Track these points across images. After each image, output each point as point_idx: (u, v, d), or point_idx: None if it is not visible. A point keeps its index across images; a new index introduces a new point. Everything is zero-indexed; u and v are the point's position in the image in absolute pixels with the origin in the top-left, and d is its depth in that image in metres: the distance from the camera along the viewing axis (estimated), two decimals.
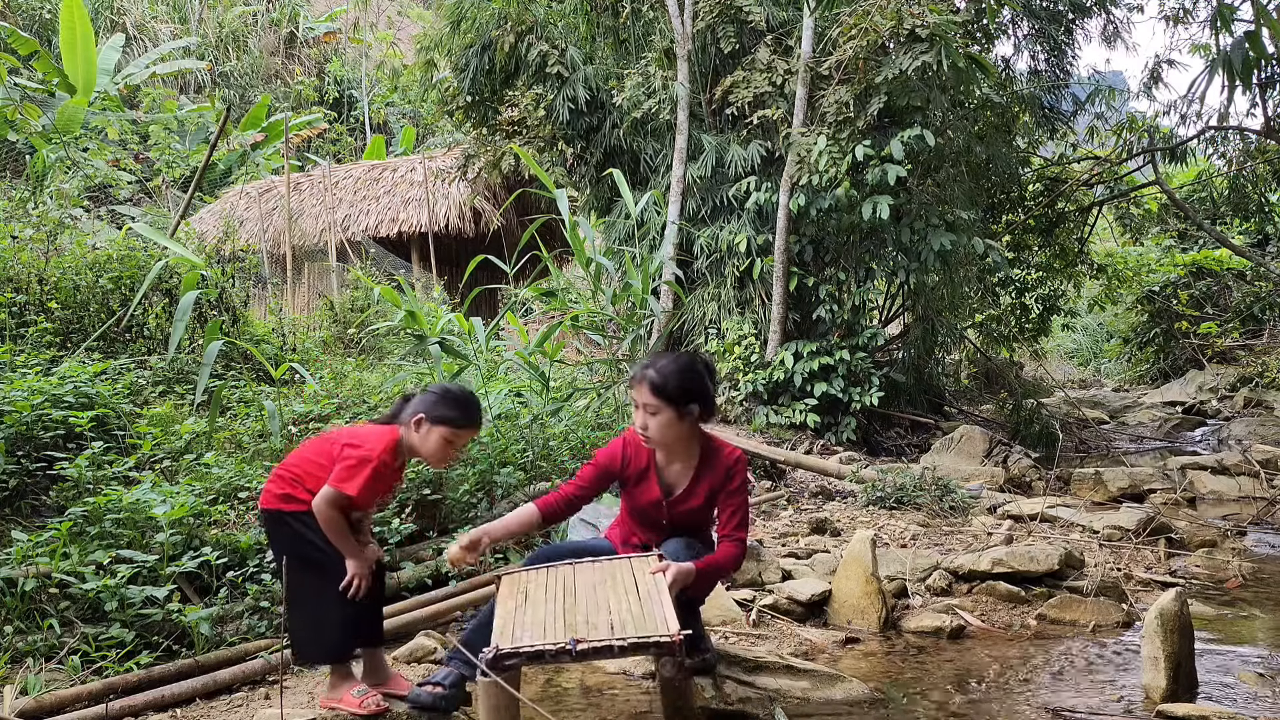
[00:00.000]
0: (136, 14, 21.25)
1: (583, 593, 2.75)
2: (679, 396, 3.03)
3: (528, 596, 2.79)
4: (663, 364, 3.06)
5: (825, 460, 7.83)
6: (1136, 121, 12.97)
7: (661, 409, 3.02)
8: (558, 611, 2.65)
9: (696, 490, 3.17)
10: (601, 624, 2.54)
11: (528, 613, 2.68)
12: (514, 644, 2.48)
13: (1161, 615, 3.39)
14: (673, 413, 3.03)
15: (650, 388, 3.02)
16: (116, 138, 15.35)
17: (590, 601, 2.69)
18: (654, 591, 2.70)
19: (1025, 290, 13.44)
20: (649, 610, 2.59)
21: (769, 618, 4.29)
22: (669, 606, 2.59)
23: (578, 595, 2.74)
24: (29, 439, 4.45)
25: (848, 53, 8.51)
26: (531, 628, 2.58)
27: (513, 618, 2.66)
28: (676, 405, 3.03)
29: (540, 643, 2.47)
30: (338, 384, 6.43)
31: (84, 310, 6.32)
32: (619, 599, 2.69)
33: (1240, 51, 5.05)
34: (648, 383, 3.02)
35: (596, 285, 6.59)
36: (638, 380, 3.06)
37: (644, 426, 3.06)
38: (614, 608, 2.62)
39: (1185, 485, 7.69)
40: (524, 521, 3.15)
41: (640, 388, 3.04)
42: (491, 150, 11.55)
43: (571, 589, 2.79)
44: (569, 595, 2.75)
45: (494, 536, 3.08)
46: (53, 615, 3.48)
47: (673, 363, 3.06)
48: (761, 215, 9.60)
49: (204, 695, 3.30)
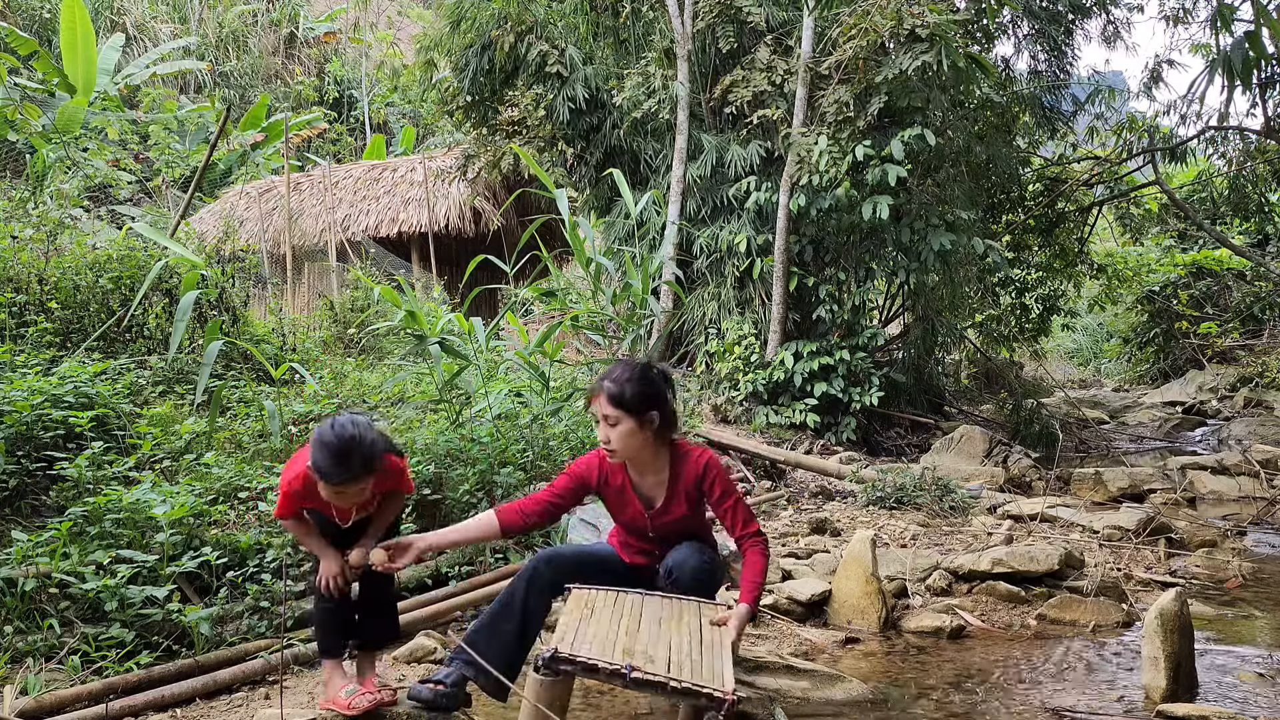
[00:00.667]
0: (136, 14, 21.25)
1: (647, 623, 2.75)
2: (638, 405, 2.98)
3: (593, 612, 2.80)
4: (618, 373, 3.01)
5: (825, 460, 7.83)
6: (1136, 121, 12.97)
7: (622, 419, 2.98)
8: (619, 634, 2.66)
9: (675, 501, 3.14)
10: (660, 659, 2.55)
11: (590, 626, 2.69)
12: (572, 650, 2.49)
13: (1161, 615, 3.39)
14: (633, 422, 2.99)
15: (608, 399, 2.98)
16: (116, 138, 15.34)
17: (653, 634, 2.68)
18: (717, 644, 2.71)
19: (1025, 290, 13.44)
20: (709, 660, 2.59)
21: (769, 618, 4.29)
22: (729, 663, 2.61)
23: (642, 624, 2.74)
24: (29, 439, 4.44)
25: (848, 53, 8.51)
26: (592, 641, 2.59)
27: (575, 627, 2.67)
28: (636, 414, 2.98)
29: (598, 658, 2.48)
30: (338, 384, 6.43)
31: (84, 310, 6.32)
32: (681, 640, 2.69)
33: (1240, 51, 5.05)
34: (605, 394, 2.98)
35: (596, 285, 6.59)
36: (595, 393, 3.02)
37: (606, 439, 3.01)
38: (675, 647, 2.62)
39: (1185, 485, 7.69)
40: (480, 531, 3.10)
41: (599, 400, 3.00)
42: (491, 150, 11.56)
43: (637, 616, 2.79)
44: (633, 621, 2.75)
45: (435, 545, 3.03)
46: (53, 615, 3.48)
47: (628, 371, 3.02)
48: (761, 215, 9.60)
49: (204, 695, 3.30)
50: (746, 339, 9.23)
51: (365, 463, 2.71)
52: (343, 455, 2.68)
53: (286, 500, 2.93)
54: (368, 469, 2.73)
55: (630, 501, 3.16)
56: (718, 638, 2.76)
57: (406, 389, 6.38)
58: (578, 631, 2.64)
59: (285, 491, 2.92)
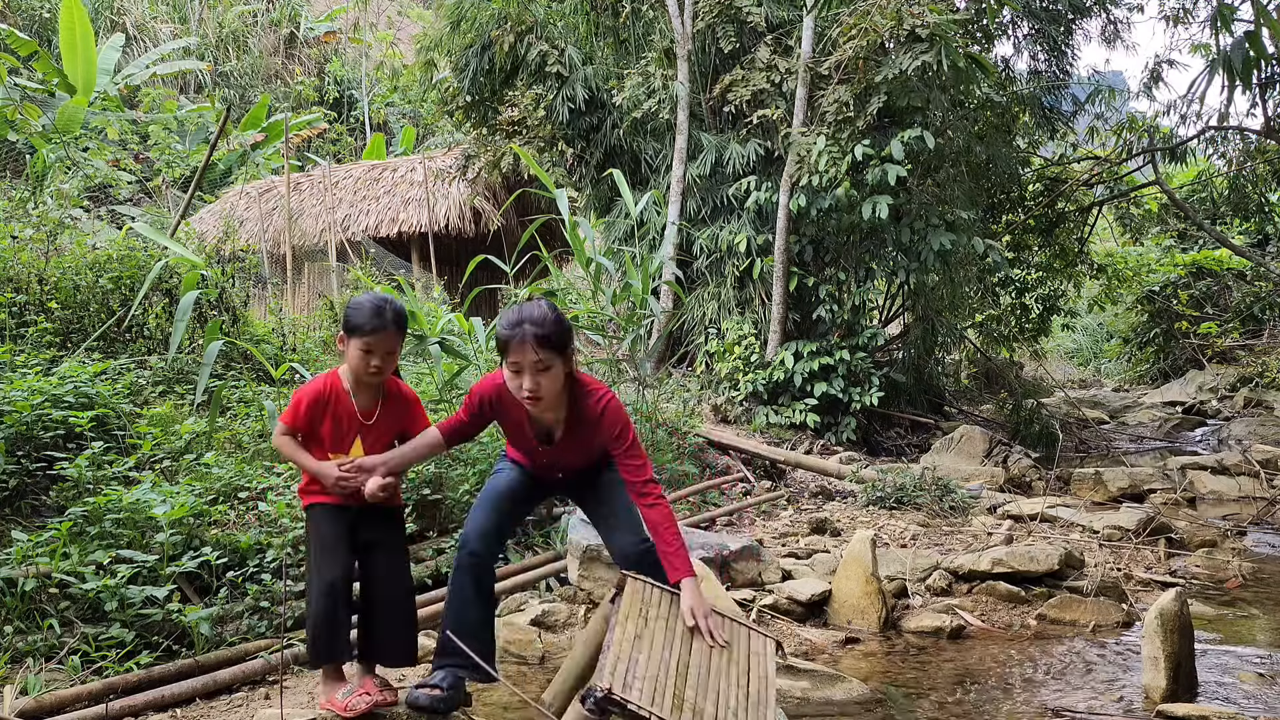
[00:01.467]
0: (136, 14, 21.24)
1: (697, 656, 2.69)
2: (565, 342, 2.79)
3: (647, 624, 2.70)
4: (534, 315, 2.74)
5: (825, 460, 7.83)
6: (1136, 121, 12.97)
7: (553, 361, 2.74)
8: (671, 670, 2.60)
9: (573, 438, 2.96)
10: (707, 713, 2.53)
11: (642, 652, 2.61)
12: (624, 692, 2.44)
13: (1161, 615, 3.39)
14: (561, 361, 2.78)
15: (537, 342, 2.70)
16: (116, 138, 15.33)
17: (702, 675, 2.63)
18: (763, 692, 2.68)
19: (1025, 290, 13.44)
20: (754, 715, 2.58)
21: (769, 618, 4.29)
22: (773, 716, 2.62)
23: (692, 656, 2.68)
24: (29, 439, 4.44)
25: (848, 52, 8.52)
26: (643, 680, 2.52)
27: (629, 652, 2.59)
28: (564, 352, 2.78)
29: (648, 707, 2.44)
30: None
31: (84, 310, 6.31)
32: (729, 687, 2.64)
33: (1240, 51, 5.05)
34: (532, 339, 2.69)
35: (596, 285, 6.59)
36: (517, 341, 2.71)
37: (534, 389, 2.74)
38: (722, 696, 2.59)
39: (1185, 485, 7.69)
40: (430, 448, 2.99)
41: (523, 348, 2.70)
42: (491, 150, 11.55)
43: (688, 644, 2.71)
44: (685, 650, 2.69)
45: (395, 467, 2.90)
46: (53, 615, 3.48)
47: (541, 310, 2.77)
48: (761, 215, 9.60)
49: (204, 695, 3.30)
50: (746, 339, 9.23)
51: (398, 317, 2.85)
52: (378, 306, 2.83)
53: (305, 405, 2.88)
54: (400, 324, 2.87)
55: (525, 435, 2.99)
56: (763, 687, 2.70)
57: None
58: (630, 659, 2.56)
59: (299, 397, 2.86)
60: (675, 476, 6.42)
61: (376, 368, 2.85)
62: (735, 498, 6.72)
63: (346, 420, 2.91)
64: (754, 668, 2.74)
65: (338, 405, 2.91)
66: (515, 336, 2.71)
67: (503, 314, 2.85)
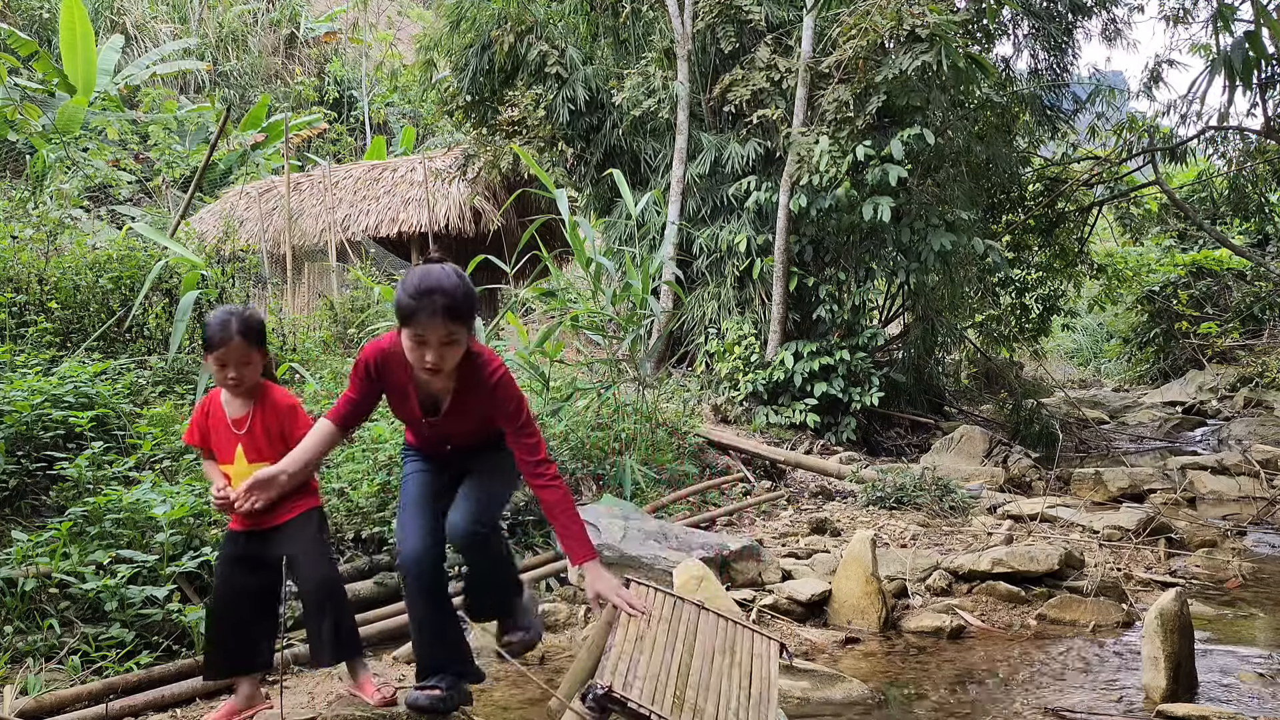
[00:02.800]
0: (136, 14, 21.22)
1: (699, 659, 2.69)
2: (474, 312, 2.63)
3: (650, 625, 2.70)
4: (445, 284, 2.52)
5: (825, 460, 7.83)
6: (1136, 121, 12.96)
7: (461, 334, 2.57)
8: (672, 671, 2.60)
9: (462, 411, 2.80)
10: (707, 713, 2.54)
11: (644, 652, 2.61)
12: (624, 690, 2.45)
13: (1161, 615, 3.39)
14: (467, 333, 2.61)
15: (447, 315, 2.50)
16: (116, 138, 15.33)
17: (704, 676, 2.64)
18: (765, 692, 2.68)
19: (1025, 290, 13.43)
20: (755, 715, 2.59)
21: (769, 618, 4.29)
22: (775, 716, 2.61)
23: (694, 658, 2.68)
24: (29, 439, 4.44)
25: (848, 52, 8.52)
26: (644, 680, 2.52)
27: (631, 652, 2.59)
28: (471, 324, 2.62)
29: (648, 705, 2.45)
30: (338, 384, 6.43)
31: (84, 310, 6.31)
32: (731, 687, 2.65)
33: (1240, 51, 5.04)
34: (443, 311, 2.49)
35: (596, 285, 6.59)
36: (426, 314, 2.49)
37: (437, 362, 2.55)
38: (724, 696, 2.59)
39: (1185, 485, 7.69)
40: (325, 440, 2.81)
41: (432, 321, 2.50)
42: (491, 150, 11.55)
43: (690, 646, 2.71)
44: (686, 652, 2.68)
45: (294, 471, 2.73)
46: (53, 615, 3.48)
47: (450, 278, 2.55)
48: (761, 215, 9.60)
49: (204, 695, 3.31)
50: (746, 339, 9.23)
51: (245, 327, 2.92)
52: (224, 320, 2.92)
53: (190, 427, 3.10)
54: (249, 334, 2.93)
55: (410, 405, 2.83)
56: (765, 687, 2.69)
57: None
58: (631, 659, 2.56)
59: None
60: (675, 476, 6.42)
61: (233, 378, 2.94)
62: (735, 498, 6.72)
63: (224, 431, 3.03)
64: (756, 669, 2.74)
65: (215, 418, 3.04)
66: (424, 309, 2.50)
67: (406, 276, 2.58)
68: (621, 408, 6.54)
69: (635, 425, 6.48)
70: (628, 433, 6.42)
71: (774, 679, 2.73)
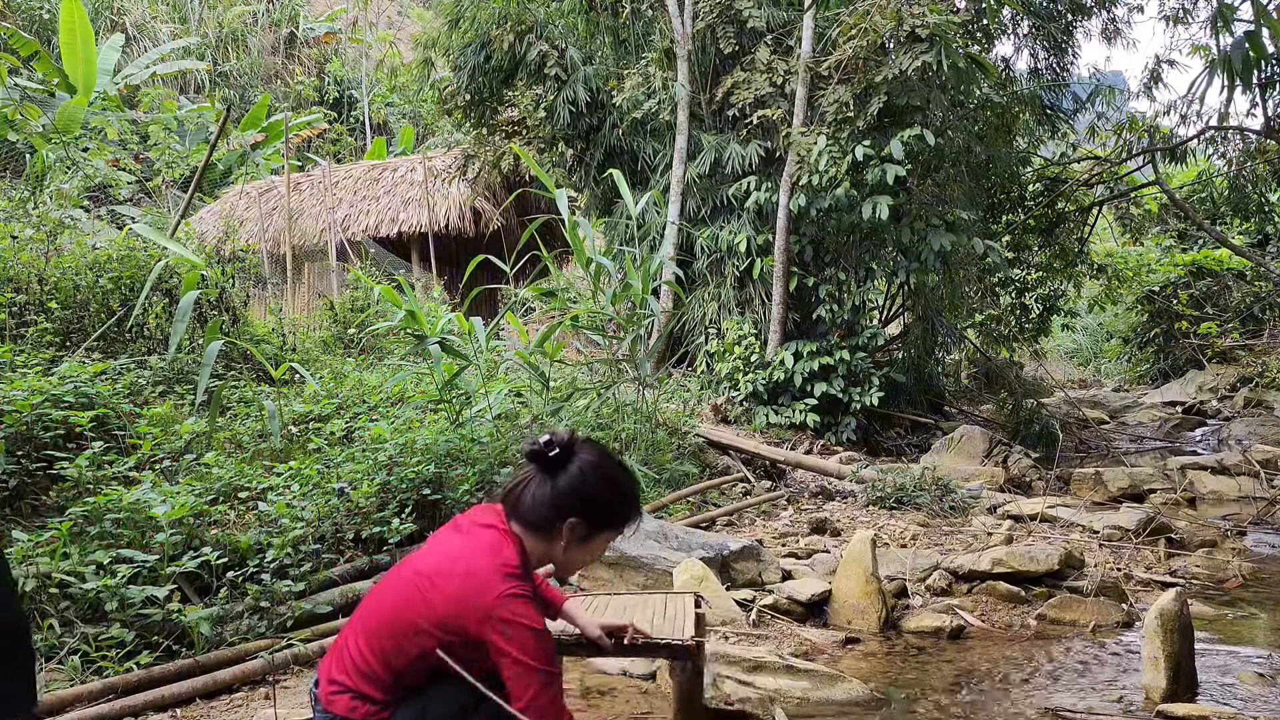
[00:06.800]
0: (136, 14, 21.23)
1: (615, 609, 2.94)
2: None
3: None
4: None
5: (825, 460, 7.83)
6: (1136, 121, 12.97)
7: None
8: (601, 611, 2.87)
9: None
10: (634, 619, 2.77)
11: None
12: (557, 632, 2.62)
13: (1161, 615, 3.39)
14: None
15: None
16: (116, 138, 15.33)
17: (621, 615, 2.87)
18: (680, 614, 2.90)
19: (1025, 290, 13.44)
20: (673, 626, 2.80)
21: (769, 618, 4.29)
22: (690, 623, 2.81)
23: (610, 609, 2.94)
24: (29, 439, 4.44)
25: (847, 53, 8.52)
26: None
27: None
28: None
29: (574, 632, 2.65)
30: (338, 384, 6.43)
31: (84, 310, 6.31)
32: (647, 614, 2.89)
33: (1240, 51, 5.04)
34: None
35: (596, 285, 6.59)
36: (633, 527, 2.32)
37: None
38: (641, 620, 2.79)
39: (1185, 485, 7.69)
40: None
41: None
42: (491, 150, 11.56)
43: (606, 607, 2.97)
44: (605, 610, 2.93)
45: None
46: (53, 615, 3.48)
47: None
48: (761, 215, 9.60)
49: (204, 695, 3.30)
50: (746, 339, 9.23)
51: None
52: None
53: None
54: None
55: None
56: (681, 608, 2.92)
57: (406, 389, 6.39)
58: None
59: None
60: (675, 476, 6.42)
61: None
62: (735, 498, 6.72)
63: None
64: (675, 608, 2.99)
65: None
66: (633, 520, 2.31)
67: (610, 472, 2.23)
68: (621, 408, 6.54)
69: (635, 425, 6.49)
70: (628, 433, 6.43)
71: (690, 610, 2.93)
